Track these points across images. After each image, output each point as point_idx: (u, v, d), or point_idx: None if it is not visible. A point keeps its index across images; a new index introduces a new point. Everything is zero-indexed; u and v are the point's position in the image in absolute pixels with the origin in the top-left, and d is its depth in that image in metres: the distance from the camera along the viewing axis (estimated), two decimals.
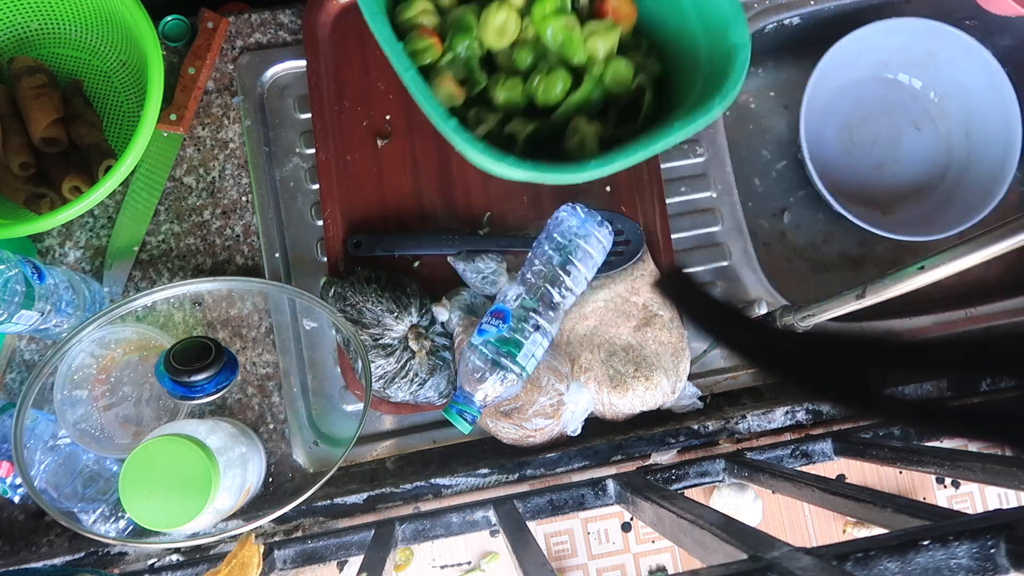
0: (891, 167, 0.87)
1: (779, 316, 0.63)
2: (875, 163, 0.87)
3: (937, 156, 0.87)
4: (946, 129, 0.86)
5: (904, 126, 0.87)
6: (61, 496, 0.61)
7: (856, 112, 0.87)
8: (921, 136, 0.87)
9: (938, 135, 0.87)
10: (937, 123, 0.87)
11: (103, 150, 0.69)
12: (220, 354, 0.55)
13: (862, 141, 0.87)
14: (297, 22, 0.74)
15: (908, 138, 0.87)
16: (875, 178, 0.86)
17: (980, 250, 0.42)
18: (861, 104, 0.87)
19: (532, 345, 0.60)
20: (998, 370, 0.53)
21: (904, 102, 0.87)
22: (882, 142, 0.87)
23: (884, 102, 0.87)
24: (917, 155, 0.87)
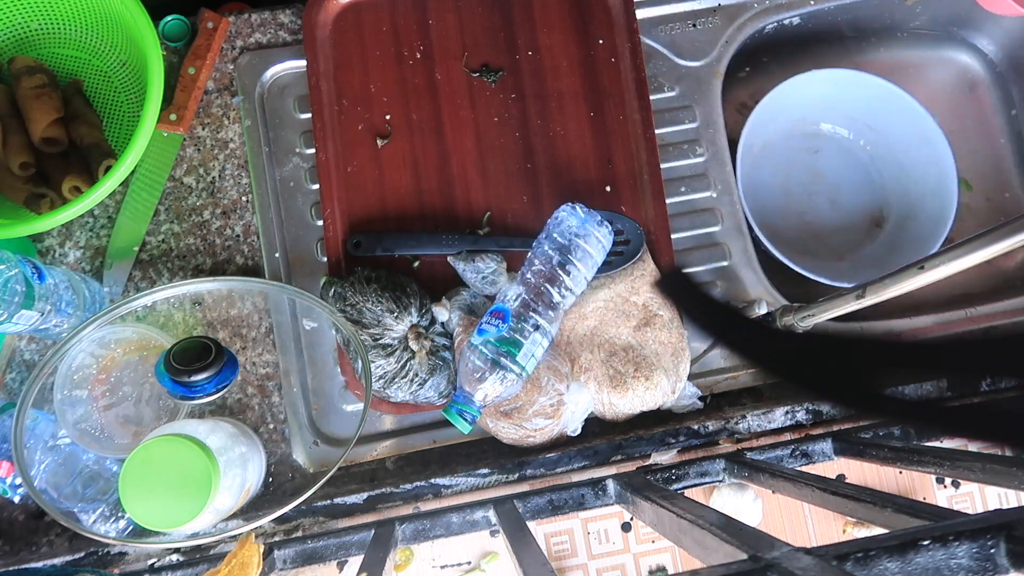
0: (827, 216, 0.86)
1: (779, 316, 0.63)
2: (812, 209, 0.86)
3: (874, 212, 0.86)
4: (879, 178, 0.86)
5: (838, 176, 0.87)
6: (61, 496, 0.61)
7: (790, 163, 0.87)
8: (856, 186, 0.86)
9: (872, 184, 0.86)
10: (871, 172, 0.86)
11: (103, 150, 0.69)
12: (220, 354, 0.55)
13: (797, 191, 0.86)
14: (297, 22, 0.74)
15: (844, 188, 0.86)
16: (817, 226, 0.86)
17: (980, 250, 0.42)
18: (795, 155, 0.87)
19: (532, 345, 0.60)
20: (998, 370, 0.53)
21: (835, 152, 0.87)
22: (822, 191, 0.86)
23: (816, 153, 0.87)
24: (855, 208, 0.86)
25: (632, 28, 0.73)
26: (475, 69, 0.72)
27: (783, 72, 0.89)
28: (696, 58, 0.76)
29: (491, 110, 0.72)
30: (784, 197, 0.86)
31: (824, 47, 0.88)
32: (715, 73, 0.76)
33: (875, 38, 0.89)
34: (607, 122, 0.72)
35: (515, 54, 0.73)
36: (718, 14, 0.77)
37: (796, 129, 0.86)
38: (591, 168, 0.71)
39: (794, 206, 0.86)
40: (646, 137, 0.71)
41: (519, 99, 0.72)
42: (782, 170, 0.86)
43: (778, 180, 0.86)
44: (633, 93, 0.72)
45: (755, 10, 0.78)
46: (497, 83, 0.72)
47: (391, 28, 0.73)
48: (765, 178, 0.86)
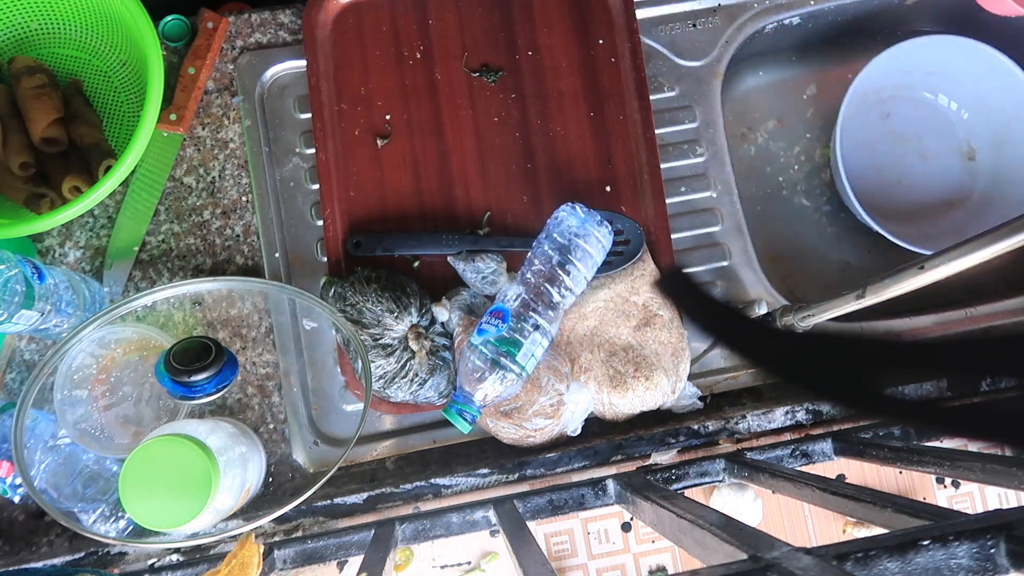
0: (916, 182, 0.85)
1: (779, 316, 0.63)
2: (899, 177, 0.86)
3: (963, 173, 0.85)
4: (971, 146, 0.85)
5: (929, 143, 0.86)
6: (61, 496, 0.61)
7: (880, 126, 0.86)
8: (945, 153, 0.86)
9: (962, 152, 0.86)
10: (962, 140, 0.86)
11: (103, 150, 0.69)
12: (220, 354, 0.55)
13: (887, 154, 0.86)
14: (297, 22, 0.74)
15: (933, 154, 0.86)
16: (900, 192, 0.85)
17: (980, 250, 0.42)
18: (885, 119, 0.86)
19: (532, 345, 0.60)
20: (998, 370, 0.53)
21: (902, 108, 0.87)
22: (907, 157, 0.86)
23: (907, 118, 0.86)
24: (943, 170, 0.86)
25: (632, 28, 0.73)
26: (475, 69, 0.72)
27: (783, 72, 0.89)
28: (696, 58, 0.76)
29: (491, 110, 0.72)
30: (878, 175, 0.85)
31: (824, 47, 0.88)
32: (715, 73, 0.76)
33: (875, 38, 0.88)
34: (607, 122, 0.72)
35: (515, 54, 0.73)
36: (718, 14, 0.77)
37: (863, 103, 0.86)
38: (591, 168, 0.71)
39: (890, 176, 0.85)
40: (646, 137, 0.71)
41: (519, 99, 0.72)
42: (866, 150, 0.86)
43: (864, 158, 0.86)
44: (633, 93, 0.72)
45: (755, 10, 0.78)
46: (497, 83, 0.72)
47: (391, 28, 0.73)
48: (863, 125, 0.85)
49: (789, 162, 0.88)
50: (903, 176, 0.86)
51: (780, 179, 0.88)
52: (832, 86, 0.89)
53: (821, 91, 0.89)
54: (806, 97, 0.89)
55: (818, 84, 0.89)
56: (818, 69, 0.89)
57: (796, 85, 0.89)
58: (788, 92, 0.89)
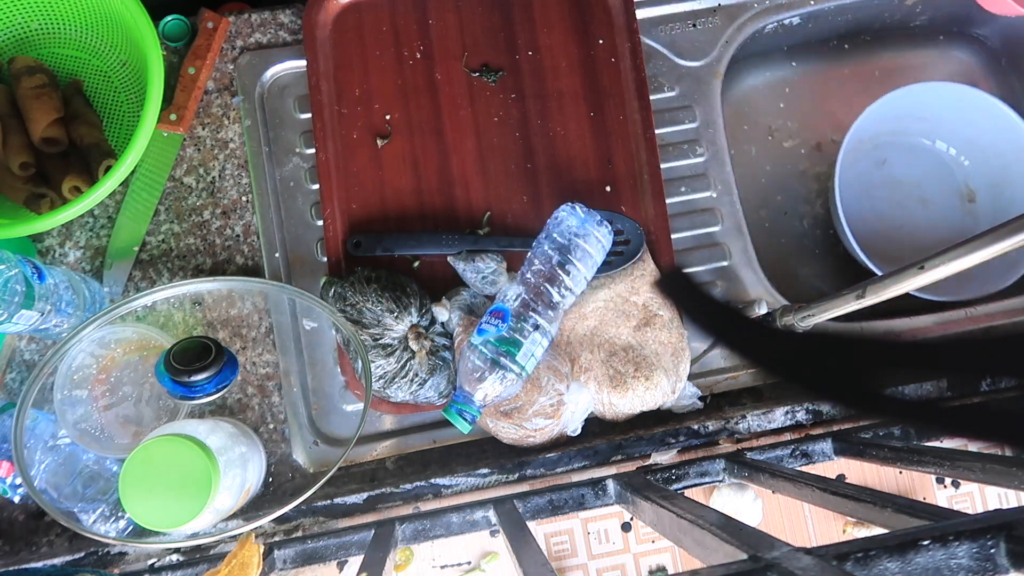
0: (917, 226, 0.85)
1: (779, 316, 0.63)
2: (900, 223, 0.85)
3: (963, 215, 0.85)
4: (969, 188, 0.85)
5: (912, 174, 0.86)
6: (61, 496, 0.61)
7: (878, 173, 0.86)
8: (945, 196, 0.86)
9: (961, 194, 0.85)
10: (940, 156, 0.86)
11: (103, 150, 0.69)
12: (220, 354, 0.55)
13: (887, 208, 0.86)
14: (297, 22, 0.74)
15: (932, 198, 0.86)
16: (902, 237, 0.85)
17: (980, 250, 0.42)
18: (867, 176, 0.86)
19: (531, 344, 0.60)
20: (998, 370, 0.53)
21: (899, 154, 0.86)
22: (907, 202, 0.86)
23: (905, 164, 0.86)
24: (943, 213, 0.85)
25: (632, 28, 0.73)
26: (475, 69, 0.72)
27: (783, 72, 0.89)
28: (696, 58, 0.76)
29: (491, 110, 0.72)
30: (878, 221, 0.85)
31: (824, 47, 0.88)
32: (715, 73, 0.76)
33: (875, 38, 0.89)
34: (607, 122, 0.72)
35: (515, 54, 0.73)
36: (718, 14, 0.77)
37: (859, 150, 0.86)
38: (591, 168, 0.71)
39: (891, 222, 0.85)
40: (646, 137, 0.71)
41: (519, 99, 0.72)
42: (863, 194, 0.86)
43: (864, 204, 0.86)
44: (633, 93, 0.72)
45: (755, 10, 0.78)
46: (497, 83, 0.72)
47: (391, 28, 0.73)
48: (861, 171, 0.86)
49: (790, 162, 0.88)
50: (904, 221, 0.85)
51: (780, 179, 0.88)
52: (833, 86, 0.89)
53: (821, 91, 0.89)
54: (805, 95, 0.89)
55: (818, 84, 0.89)
56: (818, 69, 0.89)
57: (796, 85, 0.89)
58: (788, 92, 0.89)
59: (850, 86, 0.89)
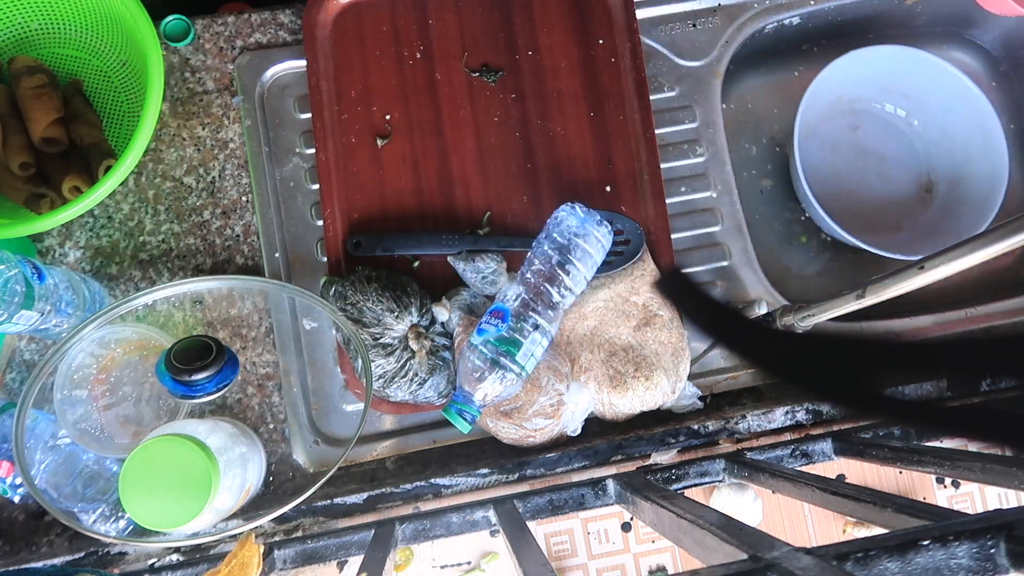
0: (878, 190, 0.87)
1: (779, 316, 0.63)
2: (863, 185, 0.87)
3: (920, 179, 0.86)
4: (922, 144, 0.86)
5: (882, 149, 0.87)
6: (61, 496, 0.61)
7: (841, 136, 0.87)
8: (901, 156, 0.87)
9: (915, 152, 0.87)
10: (913, 140, 0.87)
11: (103, 150, 0.69)
12: (221, 353, 0.55)
13: (845, 170, 0.87)
14: (297, 22, 0.74)
15: (890, 159, 0.87)
16: (865, 200, 0.86)
17: (980, 250, 0.42)
18: (837, 134, 0.87)
19: (531, 344, 0.60)
20: (998, 370, 0.53)
21: (875, 125, 0.87)
22: (869, 166, 0.87)
23: (856, 129, 0.88)
24: (902, 178, 0.87)
25: (632, 28, 0.73)
26: (475, 69, 0.72)
27: (783, 72, 0.89)
28: (696, 58, 0.76)
29: (491, 110, 0.72)
30: (833, 177, 0.86)
31: (824, 47, 0.88)
32: (715, 73, 0.76)
33: (875, 38, 0.89)
34: (607, 122, 0.72)
35: (515, 54, 0.73)
36: (718, 14, 0.77)
37: (834, 109, 0.87)
38: (591, 168, 0.71)
39: (844, 184, 0.86)
40: (646, 137, 0.71)
41: (519, 99, 0.72)
42: (828, 151, 0.87)
43: (826, 161, 0.87)
44: (633, 93, 0.72)
45: (755, 10, 0.78)
46: (497, 83, 0.72)
47: (391, 28, 0.73)
48: (813, 161, 0.87)
49: None
50: (863, 189, 0.86)
51: (780, 179, 0.88)
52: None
53: None
54: None
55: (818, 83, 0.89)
56: (818, 69, 0.89)
57: (796, 85, 0.89)
58: (788, 92, 0.89)
59: None
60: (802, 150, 0.77)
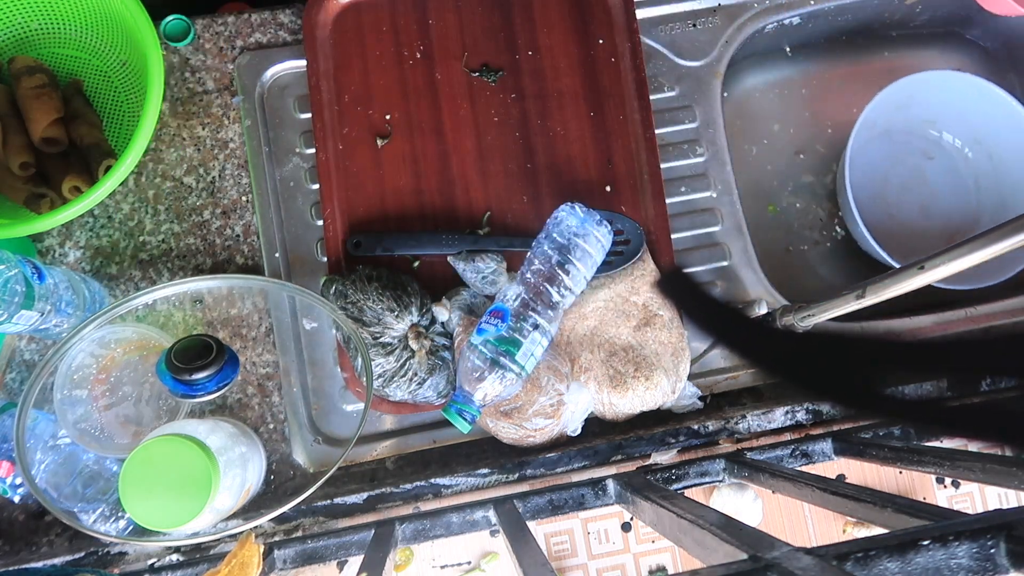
0: (924, 216, 0.86)
1: (779, 316, 0.63)
2: (910, 210, 0.86)
3: (967, 208, 0.85)
4: (975, 182, 0.85)
5: (940, 189, 0.86)
6: (61, 496, 0.61)
7: (899, 156, 0.86)
8: (953, 206, 0.86)
9: (966, 187, 0.85)
10: (973, 199, 0.85)
11: (103, 150, 0.69)
12: (221, 352, 0.55)
13: (894, 186, 0.86)
14: (297, 22, 0.74)
15: (940, 202, 0.86)
16: (911, 225, 0.85)
17: (980, 250, 0.42)
18: (908, 151, 0.86)
19: (531, 344, 0.60)
20: (998, 370, 0.53)
21: (947, 167, 0.86)
22: (914, 189, 0.86)
23: (930, 159, 0.86)
24: (948, 205, 0.86)
25: (632, 28, 0.73)
26: (475, 69, 0.72)
27: (783, 72, 0.89)
28: (696, 58, 0.76)
29: (491, 110, 0.72)
30: (880, 185, 0.86)
31: (824, 47, 0.88)
32: (715, 73, 0.76)
33: (875, 38, 0.89)
34: (607, 122, 0.72)
35: (515, 54, 0.73)
36: (718, 14, 0.77)
37: (919, 129, 0.86)
38: (591, 168, 0.71)
39: (885, 197, 0.86)
40: (646, 137, 0.71)
41: (519, 99, 0.72)
42: (889, 159, 0.86)
43: (881, 167, 0.86)
44: (633, 93, 0.72)
45: (755, 10, 0.78)
46: (497, 83, 0.72)
47: (391, 28, 0.73)
48: (870, 160, 0.86)
49: (790, 162, 0.88)
50: (912, 214, 0.86)
51: (780, 179, 0.88)
52: (833, 86, 0.89)
53: (821, 91, 0.89)
54: (805, 95, 0.89)
55: (818, 84, 0.89)
56: (818, 69, 0.89)
57: (796, 85, 0.89)
58: (788, 92, 0.89)
59: (850, 86, 0.89)
60: (868, 143, 0.75)
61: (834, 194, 0.88)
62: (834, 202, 0.88)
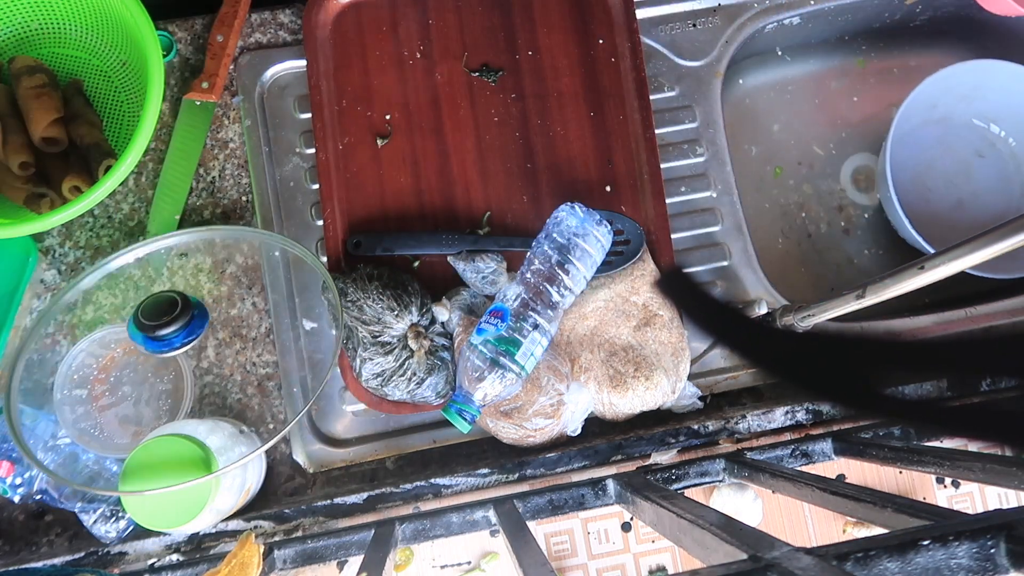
0: (964, 206, 0.85)
1: (779, 316, 0.63)
2: (951, 201, 0.85)
3: (1011, 196, 0.84)
4: (1018, 172, 0.84)
5: (983, 187, 0.85)
6: (61, 496, 0.61)
7: (948, 148, 0.85)
8: (993, 175, 0.85)
9: (1012, 192, 0.84)
10: (1013, 180, 0.84)
11: (103, 150, 0.69)
12: (188, 306, 0.56)
13: (936, 175, 0.85)
14: (297, 22, 0.74)
15: (980, 200, 0.85)
16: (944, 217, 0.84)
17: (980, 250, 0.42)
18: (957, 144, 0.85)
19: (531, 344, 0.60)
20: (998, 370, 0.53)
21: (995, 167, 0.85)
22: (955, 181, 0.85)
23: (981, 157, 0.85)
24: (989, 193, 0.85)
25: (632, 28, 0.73)
26: (475, 69, 0.72)
27: (783, 72, 0.89)
28: (696, 58, 0.76)
29: (491, 110, 0.72)
30: (922, 171, 0.84)
31: (824, 47, 0.88)
32: (715, 73, 0.76)
33: (876, 38, 0.89)
34: (607, 122, 0.72)
35: (515, 54, 0.73)
36: (718, 14, 0.77)
37: (977, 124, 0.85)
38: (591, 168, 0.71)
39: (922, 183, 0.85)
40: (646, 137, 0.71)
41: (519, 99, 0.72)
42: (937, 149, 0.85)
43: (926, 155, 0.85)
44: (633, 93, 0.72)
45: (755, 10, 0.78)
46: (497, 83, 0.72)
47: (391, 28, 0.73)
48: (918, 144, 0.85)
49: (790, 162, 0.88)
50: (944, 199, 0.85)
51: (780, 179, 0.88)
52: (833, 86, 0.89)
53: (821, 91, 0.89)
54: (805, 95, 0.89)
55: (818, 84, 0.89)
56: (818, 69, 0.89)
57: (796, 85, 0.89)
58: (788, 92, 0.89)
59: (850, 86, 0.89)
60: (917, 128, 0.74)
61: (834, 193, 0.88)
62: (834, 202, 0.88)
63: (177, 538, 0.64)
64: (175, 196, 0.70)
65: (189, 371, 0.65)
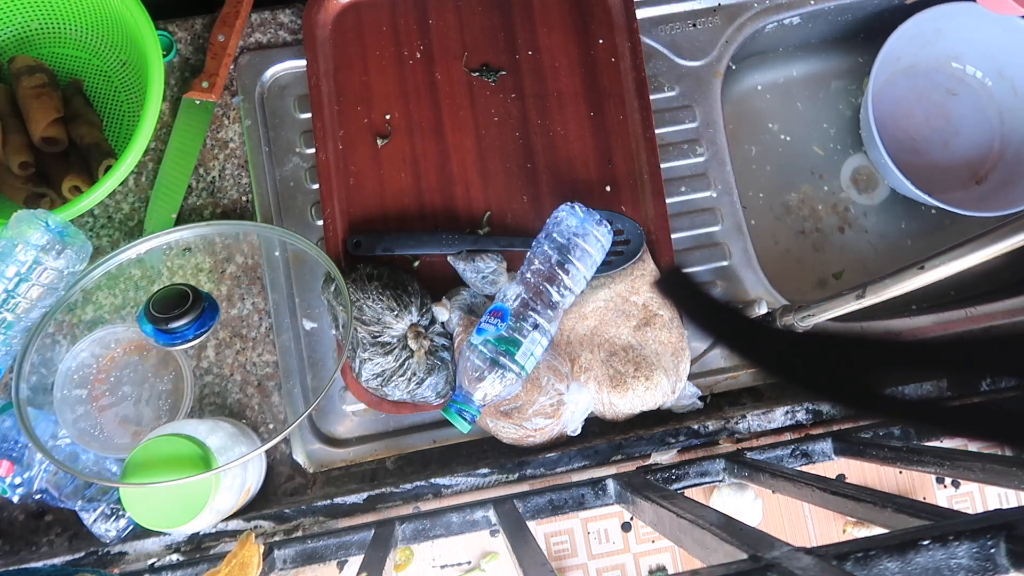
0: (950, 146, 0.86)
1: (779, 316, 0.63)
2: (938, 145, 0.86)
3: (991, 143, 0.86)
4: (999, 116, 0.86)
5: (962, 124, 0.87)
6: (62, 495, 0.61)
7: (922, 94, 0.87)
8: (969, 109, 0.87)
9: (990, 123, 0.86)
10: (996, 134, 0.86)
11: (103, 150, 0.69)
12: (199, 299, 0.56)
13: (918, 122, 0.87)
14: (297, 22, 0.74)
15: (963, 137, 0.87)
16: (935, 162, 0.86)
17: (980, 250, 0.42)
18: (930, 89, 0.87)
19: (531, 344, 0.60)
20: (998, 370, 0.53)
21: (970, 103, 0.87)
22: (935, 124, 0.87)
23: (954, 96, 0.87)
24: (969, 127, 0.87)
25: (632, 28, 0.73)
26: (475, 69, 0.72)
27: (783, 72, 0.89)
28: (696, 58, 0.76)
29: (491, 110, 0.72)
30: (904, 120, 0.86)
31: (824, 47, 0.88)
32: (715, 73, 0.76)
33: (876, 38, 0.88)
34: (607, 122, 0.72)
35: (515, 54, 0.73)
36: (718, 14, 0.77)
37: (942, 65, 0.87)
38: (591, 168, 0.71)
39: (908, 132, 0.86)
40: (646, 137, 0.71)
41: (519, 99, 0.72)
42: (914, 94, 0.87)
43: (903, 106, 0.87)
44: (633, 93, 0.72)
45: (755, 10, 0.78)
46: (497, 83, 0.72)
47: (391, 28, 0.73)
48: (895, 97, 0.87)
49: (790, 162, 0.88)
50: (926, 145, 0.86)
51: (780, 179, 0.88)
52: (833, 86, 0.89)
53: (821, 90, 0.89)
54: (805, 95, 0.89)
55: (818, 84, 0.89)
56: (819, 69, 0.89)
57: (796, 85, 0.89)
58: (788, 92, 0.89)
59: (850, 86, 0.89)
60: (891, 81, 0.77)
61: (834, 193, 0.88)
62: (834, 202, 0.88)
63: (177, 538, 0.64)
64: (172, 195, 0.70)
65: (189, 371, 0.65)
